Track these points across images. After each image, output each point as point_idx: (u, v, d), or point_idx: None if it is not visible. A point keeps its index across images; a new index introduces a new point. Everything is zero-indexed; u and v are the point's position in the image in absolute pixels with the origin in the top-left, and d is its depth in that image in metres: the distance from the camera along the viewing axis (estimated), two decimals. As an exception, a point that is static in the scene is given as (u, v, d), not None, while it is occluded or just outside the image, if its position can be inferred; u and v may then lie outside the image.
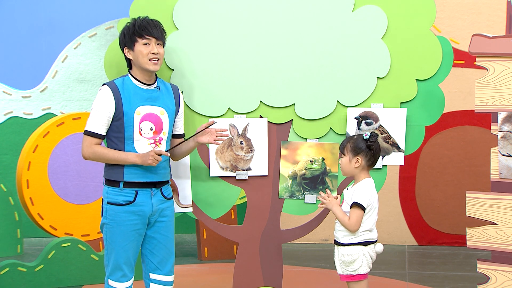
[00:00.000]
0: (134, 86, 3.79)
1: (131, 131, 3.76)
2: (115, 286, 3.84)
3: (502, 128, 3.95)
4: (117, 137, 3.78)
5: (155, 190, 3.84)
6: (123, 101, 3.74)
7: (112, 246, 3.81)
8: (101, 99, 3.75)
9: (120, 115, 3.74)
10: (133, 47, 3.77)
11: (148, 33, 3.76)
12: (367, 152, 3.76)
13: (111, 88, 3.75)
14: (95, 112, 3.76)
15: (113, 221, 3.78)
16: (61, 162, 6.32)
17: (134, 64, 3.81)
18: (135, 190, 3.78)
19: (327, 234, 7.24)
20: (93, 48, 7.81)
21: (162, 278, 3.95)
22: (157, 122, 3.82)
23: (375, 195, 3.80)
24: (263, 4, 4.15)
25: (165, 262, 3.94)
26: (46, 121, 6.58)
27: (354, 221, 3.73)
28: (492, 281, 4.00)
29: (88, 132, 3.77)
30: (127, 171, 3.76)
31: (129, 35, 3.78)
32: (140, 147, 3.78)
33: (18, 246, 6.77)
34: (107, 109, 3.73)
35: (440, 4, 5.95)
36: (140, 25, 3.77)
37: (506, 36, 4.02)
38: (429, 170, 7.22)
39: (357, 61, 4.16)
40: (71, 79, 7.80)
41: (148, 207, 3.81)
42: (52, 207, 6.24)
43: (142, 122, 3.78)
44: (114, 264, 3.81)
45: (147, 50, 3.76)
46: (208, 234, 6.51)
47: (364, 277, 3.79)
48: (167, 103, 3.86)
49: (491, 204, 3.98)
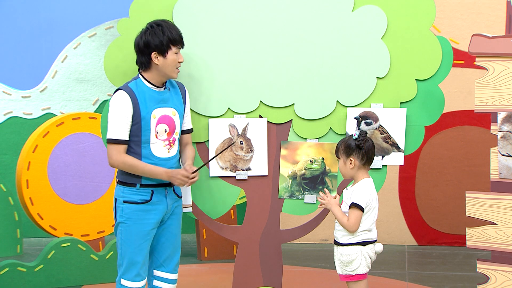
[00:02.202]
0: (148, 89, 3.80)
1: (148, 134, 3.78)
2: (129, 285, 3.85)
3: (502, 128, 3.95)
4: (134, 141, 3.78)
5: (169, 189, 3.89)
6: (140, 105, 3.75)
7: (128, 244, 3.82)
8: (119, 104, 3.74)
9: (137, 119, 3.75)
10: (166, 54, 3.77)
11: (181, 42, 3.82)
12: (358, 151, 3.77)
13: (128, 92, 3.75)
14: (115, 118, 3.74)
15: (129, 220, 3.81)
16: (60, 162, 6.31)
17: (155, 68, 3.80)
18: (151, 190, 3.82)
19: (327, 234, 7.24)
20: (92, 48, 7.80)
21: (166, 275, 3.99)
22: (170, 123, 3.84)
23: (374, 195, 3.80)
24: (263, 4, 4.15)
25: (171, 259, 3.98)
26: (45, 121, 6.58)
27: (352, 222, 3.73)
28: (491, 281, 4.00)
29: (113, 140, 3.75)
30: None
31: (165, 42, 3.76)
32: (156, 149, 3.81)
33: (17, 246, 6.77)
34: (126, 114, 3.73)
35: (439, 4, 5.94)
36: (176, 32, 3.79)
37: (505, 36, 4.03)
38: (429, 170, 7.22)
39: (357, 61, 4.16)
40: (70, 79, 7.80)
41: (163, 205, 3.86)
42: (52, 207, 6.23)
43: (158, 125, 3.80)
44: (129, 263, 3.83)
45: (177, 58, 3.80)
46: (208, 234, 6.51)
47: (363, 277, 3.79)
48: (176, 103, 3.89)
49: (491, 204, 3.99)
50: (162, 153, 3.82)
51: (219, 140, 4.19)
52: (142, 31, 3.83)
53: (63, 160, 6.32)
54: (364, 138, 3.78)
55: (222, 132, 4.18)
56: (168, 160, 3.85)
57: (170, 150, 3.86)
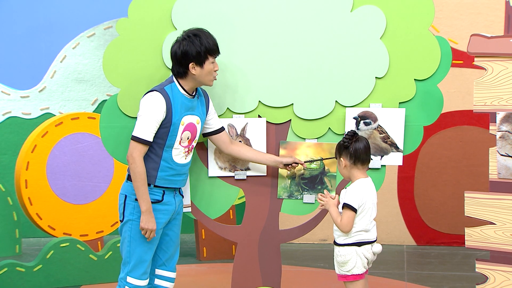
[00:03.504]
0: (181, 96, 3.81)
1: (174, 140, 3.81)
2: (135, 283, 3.85)
3: (501, 128, 3.95)
4: (158, 144, 3.80)
5: (176, 190, 3.95)
6: (173, 111, 3.76)
7: (138, 243, 3.83)
8: (153, 105, 3.74)
9: (168, 124, 3.76)
10: (203, 64, 3.78)
11: (218, 51, 3.84)
12: (346, 151, 3.78)
13: (164, 96, 3.76)
14: (146, 117, 3.74)
15: (139, 217, 3.80)
16: (59, 162, 6.31)
17: (191, 77, 3.81)
18: (163, 190, 3.85)
19: (326, 234, 7.24)
20: (91, 48, 7.80)
21: (167, 274, 4.03)
22: (193, 131, 3.88)
23: (369, 195, 3.78)
24: (262, 4, 4.15)
25: (172, 258, 4.03)
26: (44, 121, 6.58)
27: (345, 222, 3.73)
28: (490, 281, 4.01)
29: (138, 139, 3.75)
30: (160, 176, 3.83)
31: (203, 52, 3.76)
32: (176, 155, 3.85)
33: (16, 246, 6.77)
34: (158, 117, 3.74)
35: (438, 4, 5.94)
36: (214, 42, 3.80)
37: (504, 36, 4.03)
38: (427, 170, 7.22)
39: (356, 61, 4.16)
40: (69, 79, 7.80)
41: (172, 206, 3.90)
42: (51, 207, 6.23)
43: (184, 132, 3.83)
44: (138, 261, 3.84)
45: (214, 68, 3.82)
46: (206, 234, 6.51)
47: (360, 277, 3.78)
48: (200, 111, 3.92)
49: (490, 204, 3.99)
50: (180, 160, 3.87)
51: (218, 140, 4.18)
52: (179, 40, 3.81)
53: (62, 160, 6.32)
54: (351, 137, 3.77)
55: (221, 132, 4.18)
56: (183, 166, 3.90)
57: (187, 157, 3.91)
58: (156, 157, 3.81)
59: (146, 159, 3.79)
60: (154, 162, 3.81)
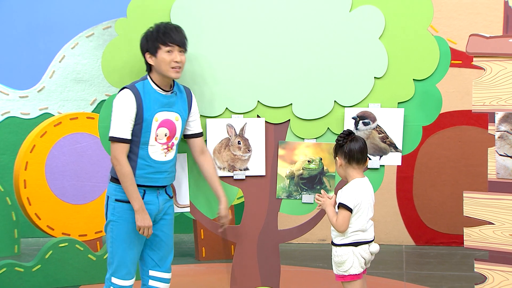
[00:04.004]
0: (154, 92, 3.79)
1: (148, 136, 3.78)
2: (119, 283, 3.85)
3: (499, 128, 3.95)
4: (133, 141, 3.78)
5: (161, 190, 3.89)
6: (144, 107, 3.75)
7: (119, 243, 3.83)
8: (123, 103, 3.74)
9: (139, 120, 3.75)
10: (156, 54, 3.77)
11: (171, 41, 3.76)
12: (341, 150, 3.78)
13: (134, 92, 3.74)
14: (118, 116, 3.74)
15: (121, 219, 3.80)
16: (58, 162, 6.31)
17: (155, 69, 3.81)
18: (144, 189, 3.81)
19: (325, 234, 7.24)
20: (90, 48, 7.80)
21: (161, 275, 3.98)
22: (171, 128, 3.84)
23: (365, 195, 3.77)
24: (261, 4, 4.15)
25: (165, 259, 3.98)
26: (43, 121, 6.58)
27: (340, 222, 3.73)
28: (489, 281, 4.01)
29: (116, 139, 3.74)
30: (139, 174, 3.79)
31: (152, 41, 3.76)
32: (154, 152, 3.80)
33: (15, 246, 6.76)
34: (130, 114, 3.73)
35: (437, 4, 5.95)
36: (164, 32, 3.76)
37: (503, 36, 4.03)
38: (426, 170, 7.23)
39: (355, 61, 4.16)
40: (68, 79, 7.80)
41: (155, 206, 3.85)
42: (50, 207, 6.23)
43: (159, 128, 3.79)
44: (120, 261, 3.83)
45: (170, 58, 3.76)
46: (205, 234, 6.51)
47: (357, 278, 3.78)
48: (181, 108, 3.89)
49: (488, 204, 3.99)
50: (159, 157, 3.82)
51: (217, 140, 4.19)
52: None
53: (60, 160, 6.32)
54: (346, 136, 3.77)
55: (220, 132, 4.18)
56: (163, 164, 3.85)
57: (167, 154, 3.86)
58: (132, 155, 3.78)
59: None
60: (131, 160, 3.78)
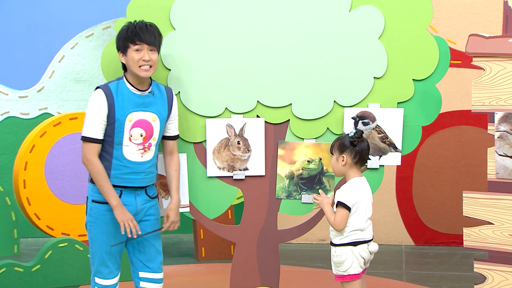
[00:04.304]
0: (128, 91, 3.76)
1: (121, 137, 3.74)
2: (102, 283, 3.84)
3: (499, 128, 3.95)
4: (107, 141, 3.76)
5: (140, 190, 3.85)
6: (116, 107, 3.72)
7: (97, 243, 3.82)
8: (95, 103, 3.73)
9: (111, 120, 3.72)
10: (126, 53, 3.75)
11: (139, 39, 3.72)
12: (351, 149, 3.78)
13: (105, 92, 3.72)
14: (90, 116, 3.73)
15: (97, 219, 3.79)
16: (58, 162, 6.31)
17: (128, 68, 3.79)
18: (120, 190, 3.79)
19: (324, 234, 7.24)
20: (90, 48, 7.80)
21: (151, 275, 3.94)
22: (148, 128, 3.80)
23: (364, 194, 3.78)
24: (260, 4, 4.15)
25: (153, 259, 3.93)
26: (43, 121, 6.58)
27: (338, 221, 3.73)
28: (489, 281, 4.01)
29: (87, 138, 3.73)
30: (114, 174, 3.76)
31: (122, 40, 3.75)
32: (129, 152, 3.77)
33: (15, 246, 6.76)
34: (101, 114, 3.71)
35: (437, 4, 5.95)
36: (133, 30, 3.72)
37: (502, 36, 4.03)
38: (426, 170, 7.23)
39: (354, 61, 4.16)
40: (68, 79, 7.79)
41: (132, 207, 3.81)
42: (49, 207, 6.23)
43: (132, 128, 3.76)
44: (100, 261, 3.82)
45: (139, 56, 3.72)
46: (205, 234, 6.51)
47: (357, 277, 3.78)
48: (159, 108, 3.84)
49: (488, 204, 3.99)
50: (135, 157, 3.78)
51: (217, 140, 4.18)
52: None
53: (60, 160, 6.32)
54: (360, 137, 3.79)
55: (220, 132, 4.18)
56: (140, 165, 3.80)
57: (144, 155, 3.81)
58: (107, 155, 3.76)
59: (99, 158, 3.77)
60: (106, 161, 3.76)
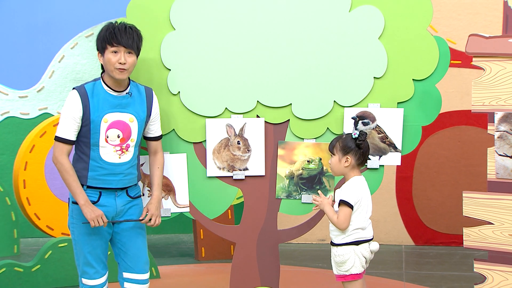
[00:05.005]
0: (104, 92, 3.74)
1: (97, 138, 3.72)
2: (89, 283, 3.83)
3: (499, 128, 3.95)
4: (84, 142, 3.74)
5: (120, 191, 3.83)
6: (91, 108, 3.69)
7: (80, 244, 3.80)
8: (69, 105, 3.71)
9: (87, 121, 3.70)
10: (103, 54, 3.73)
11: (116, 42, 3.69)
12: (356, 151, 3.78)
13: (80, 94, 3.70)
14: (64, 117, 3.71)
15: (78, 220, 3.77)
16: (58, 162, 6.30)
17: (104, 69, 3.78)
18: (99, 191, 3.77)
19: (324, 234, 7.24)
20: (90, 48, 7.80)
21: (135, 276, 3.91)
22: (125, 129, 3.77)
23: (365, 192, 3.79)
24: (260, 4, 4.15)
25: (137, 260, 3.90)
26: (42, 121, 6.58)
27: (342, 219, 3.73)
28: (488, 281, 4.01)
29: (58, 138, 3.71)
30: (91, 176, 3.74)
31: (100, 41, 3.72)
32: (106, 153, 3.75)
33: (14, 246, 6.76)
34: (75, 115, 3.69)
35: (437, 4, 5.95)
36: (111, 32, 3.69)
37: (502, 36, 4.03)
38: (426, 170, 7.23)
39: (354, 61, 4.16)
40: (68, 79, 7.79)
41: (111, 208, 3.80)
42: (49, 207, 6.23)
43: (109, 129, 3.73)
44: (85, 262, 3.81)
45: (115, 58, 3.69)
46: (205, 234, 6.51)
47: (358, 277, 3.79)
48: (137, 109, 3.81)
49: (488, 204, 3.99)
50: (112, 158, 3.75)
51: (216, 140, 4.18)
52: None
53: (60, 160, 6.31)
54: (364, 138, 3.79)
55: (220, 132, 4.18)
56: (117, 166, 3.77)
57: (122, 156, 3.78)
58: (85, 156, 3.74)
59: (77, 159, 3.76)
60: (83, 162, 3.74)
